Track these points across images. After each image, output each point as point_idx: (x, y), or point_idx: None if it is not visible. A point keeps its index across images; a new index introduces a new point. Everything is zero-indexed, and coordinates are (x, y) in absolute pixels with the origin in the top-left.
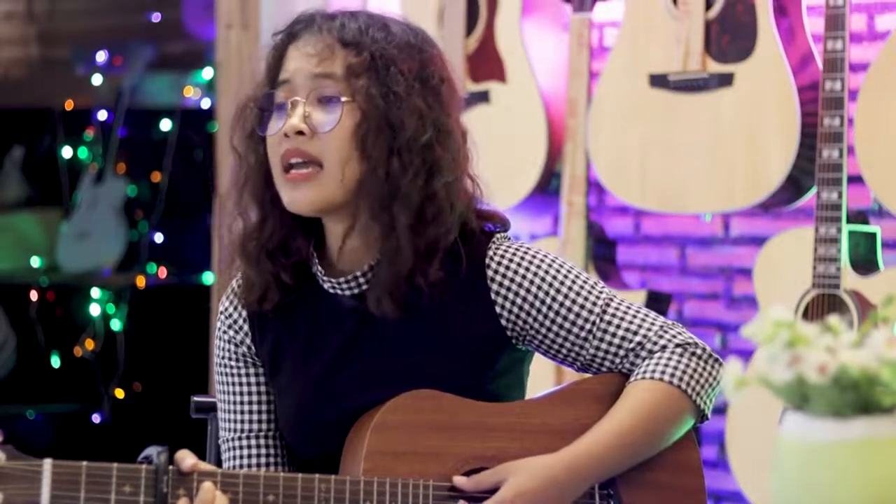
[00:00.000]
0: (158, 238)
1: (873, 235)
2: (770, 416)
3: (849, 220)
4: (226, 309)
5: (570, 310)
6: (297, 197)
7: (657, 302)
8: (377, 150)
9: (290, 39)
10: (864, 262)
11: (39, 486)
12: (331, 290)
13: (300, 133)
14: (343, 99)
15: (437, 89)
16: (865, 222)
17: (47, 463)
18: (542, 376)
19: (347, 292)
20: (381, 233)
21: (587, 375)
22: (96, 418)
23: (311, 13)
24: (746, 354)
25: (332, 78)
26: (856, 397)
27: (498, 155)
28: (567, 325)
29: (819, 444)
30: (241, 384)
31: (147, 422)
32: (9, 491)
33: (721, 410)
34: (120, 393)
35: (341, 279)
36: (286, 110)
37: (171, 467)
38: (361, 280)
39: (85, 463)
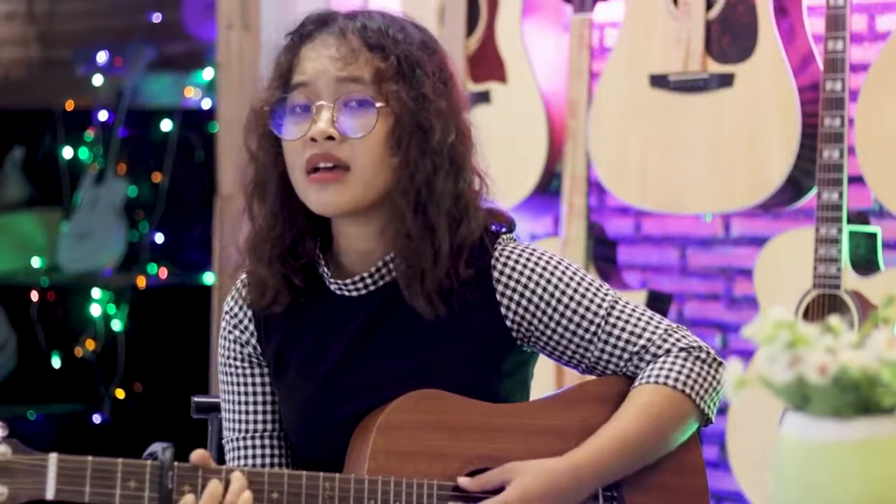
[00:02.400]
0: (159, 238)
1: (874, 236)
2: (770, 417)
3: (849, 221)
4: (231, 308)
5: (575, 311)
6: (326, 199)
7: (658, 302)
8: (412, 153)
9: (302, 40)
10: (865, 263)
11: (44, 480)
12: (337, 292)
13: (329, 138)
14: (378, 105)
15: (453, 89)
16: (866, 223)
17: (52, 457)
18: (541, 377)
19: (354, 293)
20: (418, 233)
21: (591, 377)
22: (97, 419)
23: (324, 13)
24: (747, 355)
25: (359, 82)
26: (856, 398)
27: (498, 155)
28: (572, 326)
29: (819, 444)
30: (245, 384)
31: (148, 422)
32: (14, 485)
33: (722, 411)
34: (120, 393)
35: (348, 280)
36: (309, 114)
37: (175, 463)
38: (368, 281)
39: (90, 458)
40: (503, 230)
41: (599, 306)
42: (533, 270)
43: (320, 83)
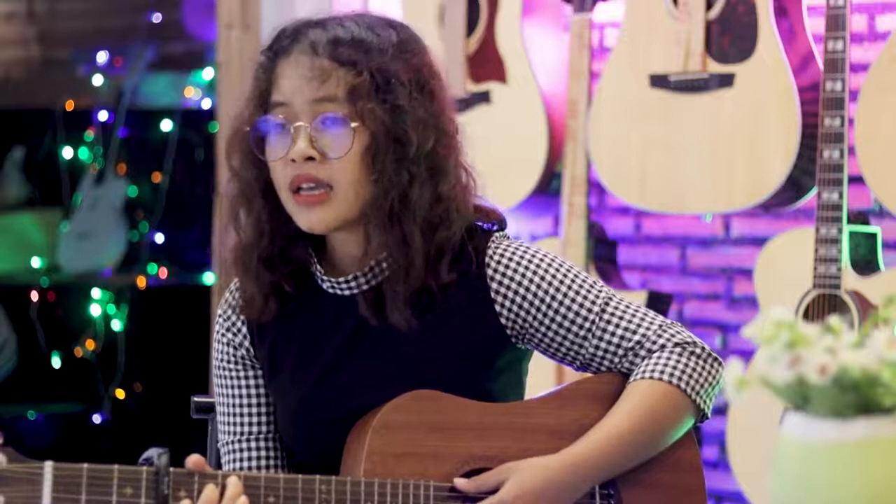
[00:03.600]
0: (159, 238)
1: (874, 236)
2: (770, 417)
3: (849, 221)
4: (224, 312)
5: (569, 308)
6: (313, 220)
7: (658, 302)
8: (388, 167)
9: (277, 56)
10: (865, 263)
11: (40, 488)
12: (329, 290)
13: (310, 158)
14: (353, 125)
15: (432, 91)
16: (866, 223)
17: (48, 465)
18: (542, 376)
19: (347, 292)
20: (392, 245)
21: (587, 375)
22: (97, 419)
23: (298, 25)
24: (747, 355)
25: (334, 101)
26: (856, 398)
27: (498, 155)
28: (566, 323)
29: (819, 444)
30: (239, 387)
31: (148, 422)
32: (9, 494)
33: (722, 411)
34: (120, 393)
35: (340, 279)
36: (288, 134)
37: (171, 469)
38: (361, 280)
39: (86, 465)
40: (494, 228)
41: (594, 303)
42: (527, 268)
43: (297, 103)
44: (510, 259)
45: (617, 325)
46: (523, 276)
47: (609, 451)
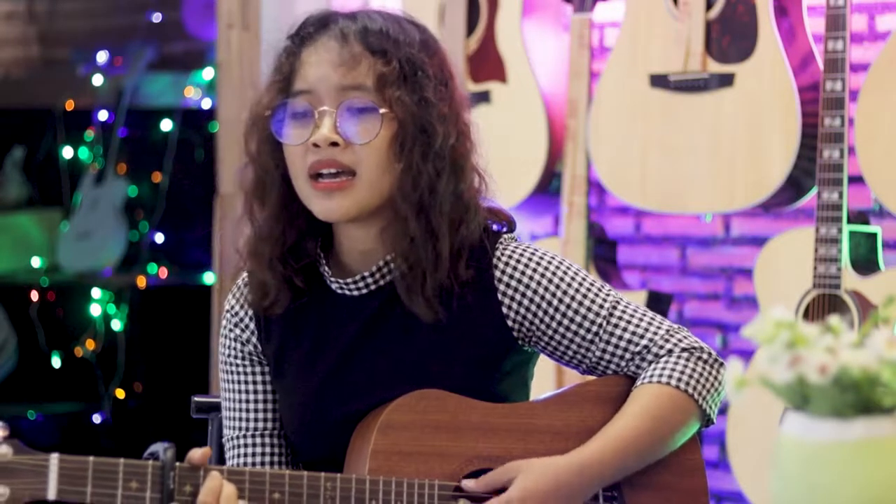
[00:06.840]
0: (159, 238)
1: (874, 236)
2: (771, 417)
3: (849, 221)
4: (232, 307)
5: (576, 312)
6: (331, 206)
7: (658, 302)
8: (415, 157)
9: (303, 43)
10: (865, 263)
11: (46, 480)
12: (338, 291)
13: (333, 144)
14: (381, 111)
15: (453, 89)
16: (866, 222)
17: (54, 457)
18: (542, 377)
19: (355, 293)
20: (420, 237)
21: (592, 377)
22: (97, 418)
23: (325, 14)
24: (747, 355)
25: (361, 89)
26: (856, 398)
27: (498, 155)
28: (574, 327)
29: (819, 444)
30: (246, 382)
31: (148, 422)
32: (15, 485)
33: (722, 411)
34: (121, 393)
35: (349, 280)
36: (312, 119)
37: (177, 463)
38: (370, 280)
39: (92, 458)
40: (504, 229)
41: (601, 307)
42: (535, 271)
43: (322, 90)
44: (518, 261)
45: (624, 330)
46: (531, 278)
47: (616, 455)
